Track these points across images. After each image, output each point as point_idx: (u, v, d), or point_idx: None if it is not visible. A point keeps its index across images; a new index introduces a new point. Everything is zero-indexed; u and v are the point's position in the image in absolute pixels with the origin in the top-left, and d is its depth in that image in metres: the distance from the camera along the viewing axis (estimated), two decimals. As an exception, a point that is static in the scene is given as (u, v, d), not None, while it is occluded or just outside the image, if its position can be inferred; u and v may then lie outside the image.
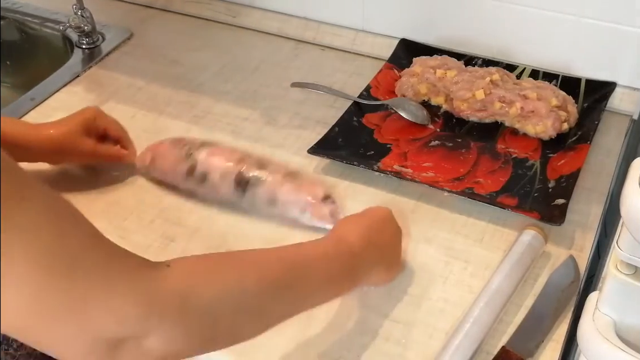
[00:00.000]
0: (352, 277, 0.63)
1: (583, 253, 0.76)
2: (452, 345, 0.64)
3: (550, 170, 0.85)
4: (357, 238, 0.64)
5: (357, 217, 0.69)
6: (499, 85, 0.93)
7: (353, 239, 0.64)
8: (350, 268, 0.63)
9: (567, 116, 0.90)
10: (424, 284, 0.73)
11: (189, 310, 0.46)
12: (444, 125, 0.94)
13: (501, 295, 0.69)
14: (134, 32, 1.15)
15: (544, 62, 0.99)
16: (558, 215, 0.77)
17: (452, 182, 0.84)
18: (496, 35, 1.01)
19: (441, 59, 0.99)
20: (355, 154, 0.88)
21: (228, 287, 0.50)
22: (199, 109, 0.98)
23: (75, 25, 1.08)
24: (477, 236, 0.78)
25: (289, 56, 1.09)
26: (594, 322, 0.53)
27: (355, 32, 1.09)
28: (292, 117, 0.97)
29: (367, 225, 0.67)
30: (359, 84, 0.99)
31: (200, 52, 1.10)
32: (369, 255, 0.65)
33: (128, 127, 0.89)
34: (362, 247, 0.64)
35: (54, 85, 1.03)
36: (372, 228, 0.67)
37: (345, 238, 0.64)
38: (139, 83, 1.04)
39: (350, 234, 0.64)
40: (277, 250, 0.58)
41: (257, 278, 0.52)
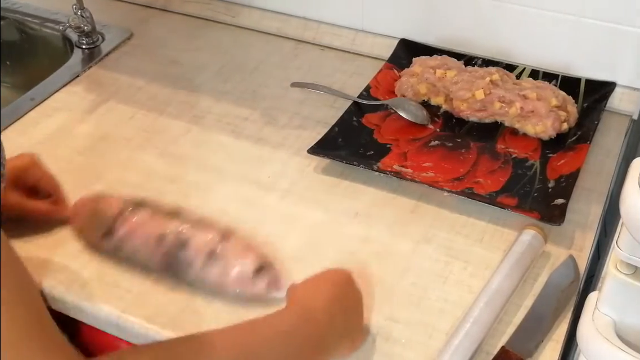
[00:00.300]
0: (320, 352, 0.58)
1: (583, 253, 0.76)
2: (452, 345, 0.64)
3: (550, 170, 0.85)
4: (322, 308, 0.58)
5: (317, 281, 0.62)
6: (499, 85, 0.93)
7: (318, 309, 0.58)
8: (316, 344, 0.57)
9: (567, 116, 0.90)
10: (424, 283, 0.73)
11: None
12: (443, 125, 0.94)
13: (501, 295, 0.69)
14: (133, 32, 1.15)
15: (543, 62, 0.99)
16: (558, 215, 0.77)
17: (451, 182, 0.84)
18: (496, 36, 1.01)
19: (441, 59, 0.99)
20: (355, 154, 0.88)
21: None
22: (198, 109, 0.98)
23: (75, 25, 1.08)
24: (477, 236, 0.78)
25: (288, 56, 1.09)
26: (594, 322, 0.53)
27: (355, 32, 1.09)
28: (292, 117, 0.97)
29: (329, 294, 0.61)
30: (358, 84, 0.99)
31: (200, 52, 1.10)
32: (334, 327, 0.59)
33: (127, 127, 0.89)
34: (327, 319, 0.58)
35: (54, 85, 1.03)
36: (335, 296, 0.61)
37: (308, 307, 0.58)
38: (138, 83, 1.04)
39: (313, 304, 0.59)
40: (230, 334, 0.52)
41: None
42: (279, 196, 0.84)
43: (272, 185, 0.85)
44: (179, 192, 0.84)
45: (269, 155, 0.90)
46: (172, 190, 0.85)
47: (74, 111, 0.98)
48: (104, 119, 0.97)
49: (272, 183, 0.86)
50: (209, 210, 0.82)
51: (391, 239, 0.78)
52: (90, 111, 0.98)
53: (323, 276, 0.64)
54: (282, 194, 0.84)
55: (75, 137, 0.94)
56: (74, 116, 0.97)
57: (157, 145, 0.92)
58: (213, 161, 0.89)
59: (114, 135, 0.94)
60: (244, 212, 0.81)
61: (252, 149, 0.91)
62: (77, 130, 0.95)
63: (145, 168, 0.88)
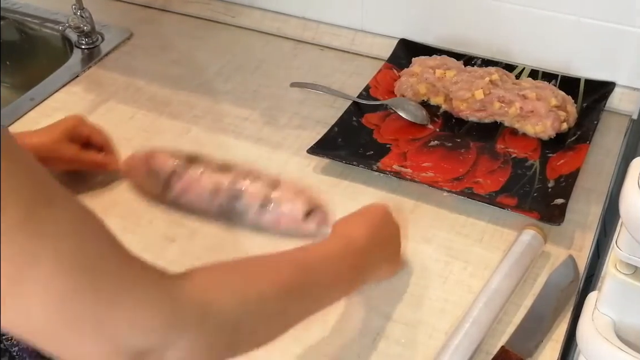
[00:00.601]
0: (360, 275, 0.64)
1: (582, 253, 0.76)
2: (452, 345, 0.65)
3: (550, 170, 0.85)
4: (362, 236, 0.65)
5: (358, 215, 0.69)
6: (498, 85, 0.93)
7: (358, 237, 0.64)
8: (358, 266, 0.63)
9: (567, 116, 0.90)
10: (424, 283, 0.73)
11: (209, 321, 0.46)
12: (443, 125, 0.94)
13: (501, 295, 0.69)
14: (133, 32, 1.15)
15: (543, 62, 0.99)
16: (557, 215, 0.77)
17: (451, 182, 0.84)
18: (495, 35, 1.01)
19: (440, 59, 0.99)
20: (354, 154, 0.88)
21: (246, 295, 0.50)
22: (198, 109, 0.98)
23: (75, 26, 1.09)
24: (477, 236, 0.78)
25: (288, 56, 1.09)
26: (593, 321, 0.53)
27: (354, 32, 1.09)
28: (291, 117, 0.97)
29: (369, 223, 0.67)
30: (358, 84, 0.99)
31: (199, 52, 1.11)
32: (373, 253, 0.66)
33: (127, 128, 0.89)
34: (367, 245, 0.64)
35: (54, 85, 1.03)
36: (374, 225, 0.67)
37: (350, 237, 0.64)
38: (138, 83, 1.04)
39: (354, 232, 0.65)
40: (288, 253, 0.58)
41: (272, 283, 0.53)
42: (278, 196, 0.84)
43: (271, 186, 0.85)
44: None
45: (268, 155, 0.90)
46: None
47: (73, 111, 0.97)
48: (103, 119, 0.97)
49: (271, 183, 0.86)
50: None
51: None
52: (90, 111, 0.98)
53: (364, 210, 0.70)
54: (282, 194, 0.84)
55: (75, 137, 0.94)
56: (73, 116, 0.97)
57: (157, 145, 0.92)
58: (213, 161, 0.89)
59: (114, 135, 0.93)
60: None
61: (251, 149, 0.91)
62: (76, 131, 0.95)
63: (145, 168, 0.88)
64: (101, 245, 0.43)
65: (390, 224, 0.70)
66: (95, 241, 0.43)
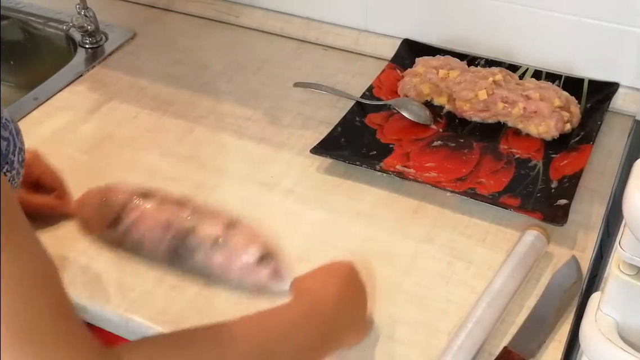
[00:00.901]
0: (328, 342, 0.59)
1: (585, 253, 0.76)
2: (455, 346, 0.64)
3: (553, 171, 0.85)
4: (328, 299, 0.59)
5: (322, 274, 0.63)
6: (502, 85, 0.93)
7: (325, 300, 0.59)
8: (324, 334, 0.58)
9: (570, 116, 0.90)
10: (427, 284, 0.73)
11: None
12: (446, 125, 0.94)
13: (504, 296, 0.69)
14: (137, 31, 1.15)
15: (546, 63, 0.99)
16: (561, 216, 0.77)
17: (454, 182, 0.84)
18: (499, 36, 1.01)
19: (444, 59, 0.99)
20: (357, 154, 0.88)
21: None
22: (201, 109, 0.99)
23: (79, 25, 1.09)
24: (480, 236, 0.78)
25: (291, 56, 1.09)
26: (596, 322, 0.53)
27: (358, 32, 1.09)
28: (294, 117, 0.97)
29: (335, 283, 0.61)
30: (361, 84, 0.99)
31: (203, 52, 1.11)
32: (342, 316, 0.60)
33: (130, 127, 0.89)
34: (335, 308, 0.59)
35: (57, 84, 1.03)
36: (340, 285, 0.62)
37: (316, 300, 0.59)
38: (142, 83, 1.04)
39: (320, 294, 0.59)
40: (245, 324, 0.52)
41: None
42: (281, 196, 0.84)
43: (274, 185, 0.85)
44: (182, 192, 0.84)
45: (271, 155, 0.90)
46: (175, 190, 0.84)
47: (77, 111, 0.98)
48: (107, 119, 0.97)
49: (274, 183, 0.86)
50: (212, 209, 0.82)
51: (394, 239, 0.78)
52: (94, 111, 0.98)
53: (328, 268, 0.64)
54: (285, 193, 0.84)
55: (78, 136, 0.94)
56: (77, 116, 0.97)
57: (160, 145, 0.92)
58: (216, 161, 0.89)
59: (117, 134, 0.94)
60: (247, 212, 0.81)
61: (255, 149, 0.91)
62: (80, 130, 0.95)
63: (148, 168, 0.88)
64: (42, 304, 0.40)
65: (356, 283, 0.64)
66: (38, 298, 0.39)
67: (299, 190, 0.85)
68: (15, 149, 0.66)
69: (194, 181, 0.86)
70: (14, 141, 0.66)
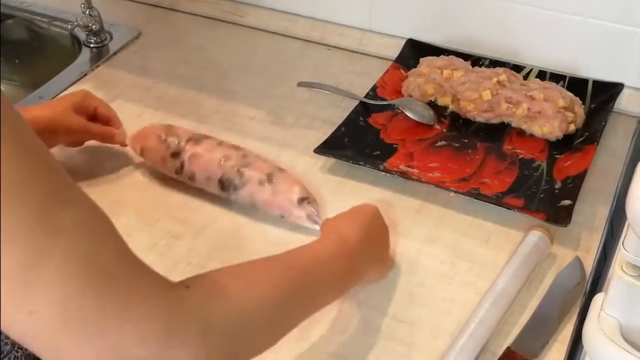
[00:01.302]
0: (354, 275, 0.64)
1: (589, 254, 0.76)
2: (457, 346, 0.64)
3: (557, 171, 0.85)
4: (354, 235, 0.65)
5: (349, 215, 0.69)
6: (506, 86, 0.93)
7: (350, 235, 0.65)
8: (352, 266, 0.63)
9: (574, 117, 0.90)
10: (430, 284, 0.73)
11: (210, 331, 0.46)
12: (450, 125, 0.94)
13: (507, 296, 0.69)
14: (141, 31, 1.15)
15: (551, 63, 0.98)
16: (564, 217, 0.76)
17: (458, 182, 0.84)
18: (503, 36, 1.01)
19: (448, 60, 0.99)
20: (361, 153, 0.88)
21: (246, 304, 0.50)
22: (206, 108, 0.99)
23: (84, 24, 1.09)
24: (483, 237, 0.78)
25: (295, 56, 1.09)
26: (599, 323, 0.53)
27: (362, 32, 1.09)
28: (298, 116, 0.97)
29: (360, 223, 0.67)
30: (365, 84, 0.99)
31: (207, 52, 1.11)
32: (366, 252, 0.66)
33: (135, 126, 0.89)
34: (360, 245, 0.65)
35: (62, 83, 1.04)
36: (365, 224, 0.68)
37: (343, 235, 0.64)
38: (146, 82, 1.04)
39: (346, 231, 0.65)
40: (285, 257, 0.58)
41: (271, 290, 0.53)
42: (285, 195, 0.84)
43: (278, 185, 0.85)
44: (185, 191, 0.84)
45: (275, 154, 0.90)
46: (178, 188, 0.85)
47: (81, 110, 0.98)
48: (111, 118, 0.97)
49: (278, 182, 0.86)
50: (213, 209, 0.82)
51: (397, 239, 0.78)
52: (98, 110, 0.98)
53: (353, 209, 0.71)
54: (289, 193, 0.84)
55: (82, 135, 0.94)
56: (81, 115, 0.97)
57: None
58: (220, 160, 0.89)
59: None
60: (250, 212, 0.82)
61: (258, 149, 0.91)
62: (84, 129, 0.95)
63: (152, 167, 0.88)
64: (111, 250, 0.42)
65: (379, 224, 0.71)
66: (106, 246, 0.42)
67: (302, 190, 0.85)
68: None
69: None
70: None
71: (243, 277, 0.52)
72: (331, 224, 0.68)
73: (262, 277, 0.53)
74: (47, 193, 0.39)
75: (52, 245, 0.39)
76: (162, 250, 0.78)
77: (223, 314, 0.47)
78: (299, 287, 0.56)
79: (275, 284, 0.53)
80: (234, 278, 0.52)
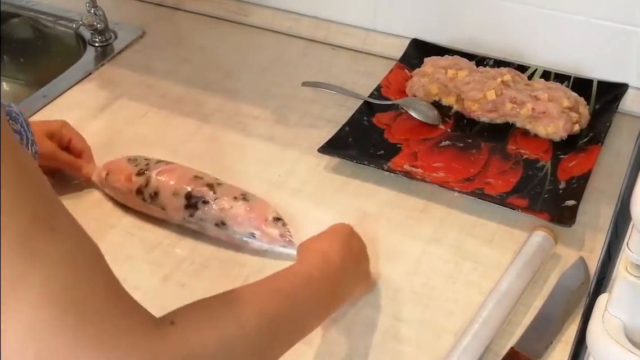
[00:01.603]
0: (340, 294, 0.63)
1: (593, 255, 0.76)
2: (461, 346, 0.64)
3: (561, 172, 0.85)
4: (337, 254, 0.63)
5: (326, 235, 0.68)
6: (510, 86, 0.93)
7: (333, 255, 0.63)
8: (337, 285, 0.62)
9: (579, 117, 0.90)
10: (433, 284, 0.73)
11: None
12: (454, 125, 0.94)
13: (510, 296, 0.69)
14: (146, 30, 1.15)
15: (555, 63, 0.98)
16: (568, 217, 0.76)
17: (462, 182, 0.84)
18: (508, 36, 1.01)
19: (452, 59, 0.99)
20: (365, 153, 0.88)
21: (230, 336, 0.48)
22: (209, 107, 0.99)
23: (88, 24, 1.09)
24: (487, 237, 0.78)
25: (299, 55, 1.09)
26: (604, 323, 0.53)
27: (366, 31, 1.09)
28: (302, 116, 0.97)
29: (339, 241, 0.66)
30: (369, 83, 0.99)
31: (211, 51, 1.11)
32: (349, 270, 0.65)
33: (139, 125, 0.90)
34: (343, 262, 0.63)
35: (67, 82, 1.04)
36: (344, 243, 0.66)
37: (326, 255, 0.63)
38: (150, 81, 1.04)
39: (328, 250, 0.63)
40: (270, 282, 0.56)
41: (256, 319, 0.51)
42: (288, 195, 0.84)
43: (282, 184, 0.86)
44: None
45: (279, 154, 0.90)
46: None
47: (86, 108, 0.99)
48: (116, 117, 0.97)
49: (282, 182, 0.86)
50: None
51: (401, 238, 0.78)
52: (103, 109, 0.99)
53: (329, 230, 0.69)
54: (292, 192, 0.84)
55: (87, 134, 0.93)
56: (86, 113, 0.98)
57: (169, 143, 0.92)
58: (223, 159, 0.89)
59: (125, 132, 0.94)
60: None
61: (262, 148, 0.91)
62: (89, 128, 0.95)
63: (156, 166, 0.88)
64: (96, 284, 0.41)
65: (357, 241, 0.69)
66: (90, 279, 0.40)
67: (306, 189, 0.85)
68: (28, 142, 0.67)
69: (201, 179, 0.86)
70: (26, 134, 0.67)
71: (227, 306, 0.50)
72: (310, 245, 0.66)
73: (247, 306, 0.51)
74: (32, 218, 0.38)
75: (29, 273, 0.37)
76: (166, 249, 0.78)
77: (208, 347, 0.46)
78: (286, 312, 0.54)
79: (261, 310, 0.51)
80: (219, 309, 0.50)
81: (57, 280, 0.38)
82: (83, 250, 0.41)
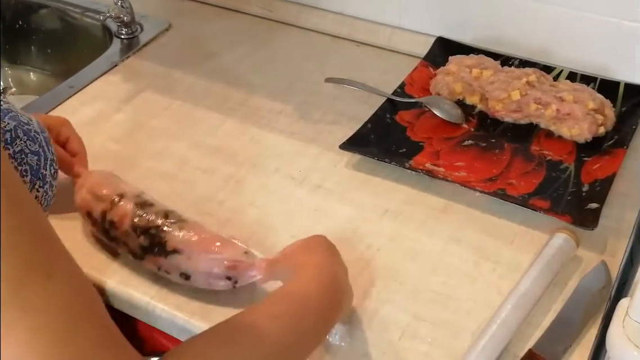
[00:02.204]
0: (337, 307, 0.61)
1: (615, 259, 0.75)
2: (479, 346, 0.64)
3: (585, 174, 0.84)
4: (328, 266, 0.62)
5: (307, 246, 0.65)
6: (535, 86, 0.92)
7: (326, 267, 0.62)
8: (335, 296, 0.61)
9: (604, 120, 0.89)
10: (453, 283, 0.73)
11: None
12: (478, 125, 0.93)
13: (530, 298, 0.68)
14: (172, 23, 1.16)
15: (582, 65, 0.97)
16: (591, 220, 0.76)
17: (484, 182, 0.84)
18: (534, 36, 1.00)
19: (477, 58, 0.98)
20: (387, 151, 0.88)
21: None
22: (233, 102, 0.99)
23: (115, 16, 1.10)
24: (508, 238, 0.78)
25: (324, 51, 1.09)
26: (624, 328, 0.52)
27: (391, 28, 1.09)
28: (325, 112, 0.97)
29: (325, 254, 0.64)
30: (393, 81, 0.99)
31: (236, 45, 1.11)
32: (340, 282, 0.63)
33: (163, 117, 0.90)
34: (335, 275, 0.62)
35: (93, 73, 1.05)
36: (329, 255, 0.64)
37: (320, 269, 0.61)
38: (175, 74, 1.05)
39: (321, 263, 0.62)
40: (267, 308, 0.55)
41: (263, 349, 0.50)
42: (309, 191, 0.84)
43: (302, 180, 0.86)
44: (211, 183, 0.85)
45: (301, 149, 0.90)
46: (203, 181, 0.86)
47: (111, 100, 1.00)
48: (140, 109, 0.98)
49: (302, 177, 0.86)
50: (239, 202, 0.83)
51: (421, 237, 0.78)
52: (127, 100, 1.00)
53: (305, 241, 0.66)
54: (313, 188, 0.85)
55: (111, 125, 0.95)
56: (111, 105, 0.99)
57: (192, 136, 0.93)
58: (246, 154, 0.90)
59: (149, 124, 0.95)
60: (274, 206, 0.82)
61: (284, 143, 0.92)
62: (113, 119, 0.96)
63: (179, 158, 0.89)
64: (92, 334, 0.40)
65: (336, 252, 0.66)
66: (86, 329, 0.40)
67: (327, 186, 0.85)
68: (47, 162, 0.67)
69: (222, 173, 0.87)
70: (45, 154, 0.66)
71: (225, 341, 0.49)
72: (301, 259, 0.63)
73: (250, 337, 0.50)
74: (28, 264, 0.37)
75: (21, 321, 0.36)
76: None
77: None
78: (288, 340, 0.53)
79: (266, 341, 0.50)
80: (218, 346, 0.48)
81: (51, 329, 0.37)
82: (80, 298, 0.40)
